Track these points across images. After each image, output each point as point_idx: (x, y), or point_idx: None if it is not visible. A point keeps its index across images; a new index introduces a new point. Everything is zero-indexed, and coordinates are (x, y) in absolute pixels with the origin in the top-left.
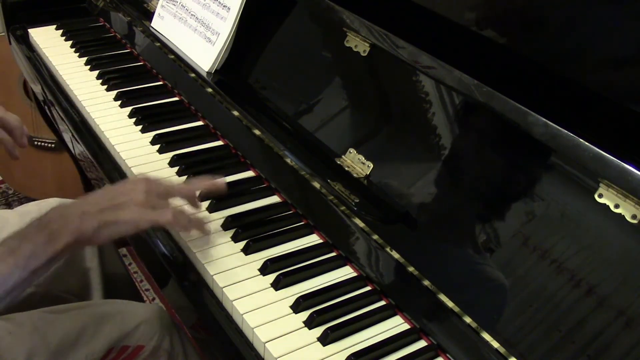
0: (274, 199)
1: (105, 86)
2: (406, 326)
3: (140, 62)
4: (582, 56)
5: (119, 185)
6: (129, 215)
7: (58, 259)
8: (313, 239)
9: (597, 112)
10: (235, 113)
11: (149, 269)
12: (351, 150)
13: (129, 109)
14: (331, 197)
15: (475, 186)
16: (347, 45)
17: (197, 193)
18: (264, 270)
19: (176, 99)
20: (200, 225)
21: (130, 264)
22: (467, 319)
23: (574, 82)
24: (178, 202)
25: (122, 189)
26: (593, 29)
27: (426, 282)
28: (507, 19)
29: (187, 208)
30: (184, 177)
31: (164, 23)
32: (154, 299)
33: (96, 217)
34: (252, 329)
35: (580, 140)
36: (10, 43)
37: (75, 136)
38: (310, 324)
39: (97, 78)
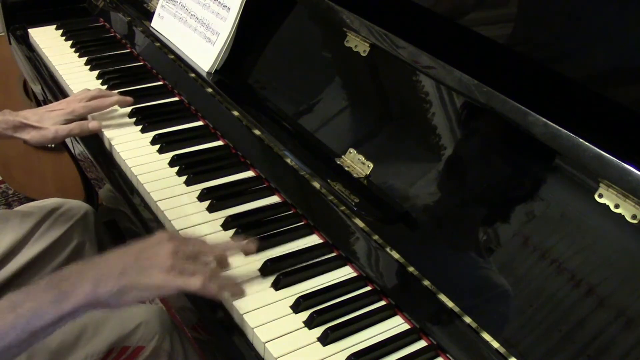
0: (274, 199)
1: (105, 86)
2: (406, 326)
3: (140, 62)
4: (582, 56)
5: (144, 244)
6: (154, 281)
7: (64, 322)
8: (313, 239)
9: (597, 112)
10: (235, 113)
11: None
12: (351, 150)
13: (129, 109)
14: (331, 197)
15: (475, 186)
16: (347, 45)
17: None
18: (264, 270)
19: (176, 99)
20: (233, 288)
21: None
22: (467, 319)
23: (574, 82)
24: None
25: (147, 251)
26: (593, 28)
27: (426, 282)
28: (507, 19)
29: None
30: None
31: (164, 23)
32: (154, 299)
33: (117, 281)
34: (252, 329)
35: (580, 140)
36: (10, 43)
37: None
38: (310, 324)
39: (97, 78)
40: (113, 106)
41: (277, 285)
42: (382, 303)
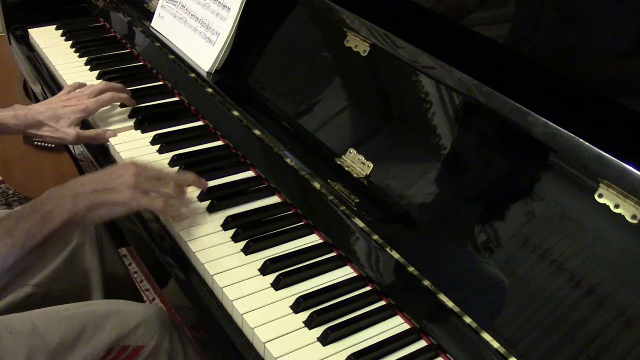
0: (274, 199)
1: None
2: (406, 326)
3: (140, 62)
4: (582, 55)
5: (109, 168)
6: (121, 197)
7: (53, 238)
8: (313, 239)
9: (597, 112)
10: (235, 113)
11: (149, 269)
12: (351, 150)
13: (129, 109)
14: (331, 197)
15: (475, 186)
16: (347, 45)
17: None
18: (264, 270)
19: (176, 99)
20: (190, 214)
21: (130, 264)
22: (467, 319)
23: (574, 81)
24: None
25: (113, 172)
26: (593, 27)
27: (426, 282)
28: (507, 19)
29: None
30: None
31: (164, 23)
32: (154, 299)
33: (89, 198)
34: (252, 329)
35: (580, 140)
36: (10, 43)
37: None
38: (310, 324)
39: (97, 78)
40: (120, 101)
41: (277, 285)
42: (382, 303)
